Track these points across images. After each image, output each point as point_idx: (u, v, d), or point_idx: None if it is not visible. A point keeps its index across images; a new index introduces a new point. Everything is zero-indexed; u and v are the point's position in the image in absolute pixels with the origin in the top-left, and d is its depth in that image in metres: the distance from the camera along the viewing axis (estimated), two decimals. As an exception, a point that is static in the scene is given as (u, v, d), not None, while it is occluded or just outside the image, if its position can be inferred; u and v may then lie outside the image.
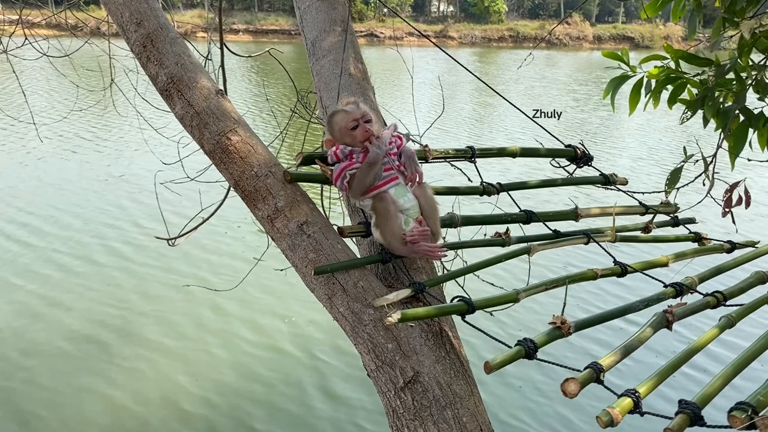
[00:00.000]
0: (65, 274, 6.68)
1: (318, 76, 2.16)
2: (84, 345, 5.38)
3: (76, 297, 6.17)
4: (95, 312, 5.90)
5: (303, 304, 6.01)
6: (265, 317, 5.98)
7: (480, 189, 1.94)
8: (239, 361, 5.29)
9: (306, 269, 1.55)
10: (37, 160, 10.93)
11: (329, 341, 5.55)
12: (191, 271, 6.80)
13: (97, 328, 5.63)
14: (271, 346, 5.54)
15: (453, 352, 1.51)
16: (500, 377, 5.00)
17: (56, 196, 9.17)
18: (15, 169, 10.40)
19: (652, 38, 48.57)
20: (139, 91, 3.79)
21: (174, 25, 2.07)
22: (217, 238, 7.56)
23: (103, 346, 5.39)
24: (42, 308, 5.93)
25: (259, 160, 1.64)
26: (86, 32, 4.96)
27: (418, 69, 23.29)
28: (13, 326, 5.60)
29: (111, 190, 9.53)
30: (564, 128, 14.89)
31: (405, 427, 1.40)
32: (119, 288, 6.40)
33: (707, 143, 2.98)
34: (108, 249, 7.35)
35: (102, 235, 7.74)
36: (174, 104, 1.70)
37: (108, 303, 6.07)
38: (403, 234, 1.57)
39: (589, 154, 2.21)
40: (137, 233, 7.78)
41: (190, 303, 6.12)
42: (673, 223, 2.15)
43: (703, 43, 3.56)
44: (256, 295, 6.29)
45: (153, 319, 5.83)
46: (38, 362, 5.11)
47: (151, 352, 5.33)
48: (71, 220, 8.22)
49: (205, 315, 5.94)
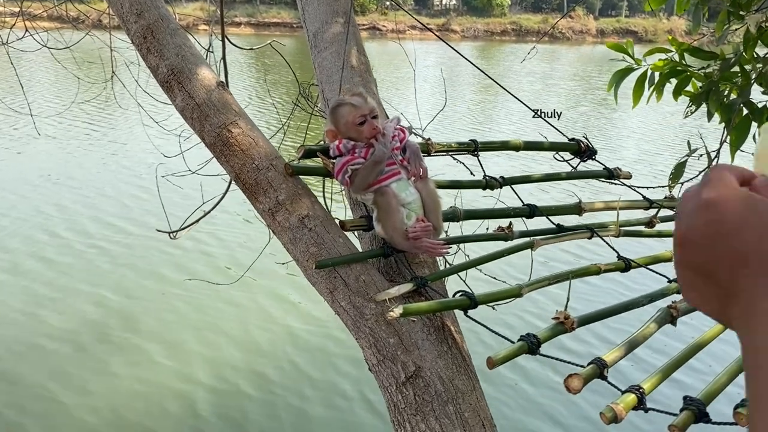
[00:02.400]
0: (63, 265, 6.69)
1: (320, 68, 2.14)
2: (82, 339, 5.39)
3: (73, 290, 6.18)
4: (91, 306, 5.91)
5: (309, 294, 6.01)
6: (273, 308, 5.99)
7: (483, 183, 1.93)
8: (247, 348, 5.30)
9: (307, 263, 1.54)
10: (37, 153, 10.92)
11: (330, 333, 5.55)
12: (194, 265, 6.81)
13: (95, 321, 5.64)
14: (280, 336, 5.54)
15: (455, 347, 1.50)
16: (499, 373, 5.00)
17: (51, 189, 9.16)
18: (13, 161, 10.40)
19: (655, 32, 48.35)
20: (139, 83, 3.77)
21: (175, 17, 2.06)
22: (221, 231, 7.55)
23: (102, 339, 5.39)
24: (40, 300, 5.94)
25: (261, 152, 1.63)
26: (87, 24, 4.94)
27: (421, 62, 23.22)
28: (12, 318, 5.61)
29: (110, 182, 9.52)
30: (567, 122, 14.85)
31: (407, 422, 1.39)
32: (122, 279, 6.40)
33: (714, 138, 2.97)
34: (106, 242, 7.35)
35: (99, 227, 7.74)
36: (175, 96, 1.68)
37: (106, 295, 6.08)
38: (406, 229, 1.56)
39: (593, 147, 2.19)
40: (136, 226, 7.78)
41: (193, 296, 6.12)
42: (677, 218, 2.13)
43: (707, 36, 3.54)
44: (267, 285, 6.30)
45: (155, 312, 5.83)
46: (36, 356, 5.11)
47: (155, 345, 5.34)
48: (69, 211, 8.22)
49: (213, 307, 5.95)
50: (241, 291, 6.01)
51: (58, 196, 8.80)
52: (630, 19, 55.29)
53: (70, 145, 11.56)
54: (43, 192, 8.98)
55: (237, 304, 6.03)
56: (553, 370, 5.06)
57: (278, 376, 5.03)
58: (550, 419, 4.67)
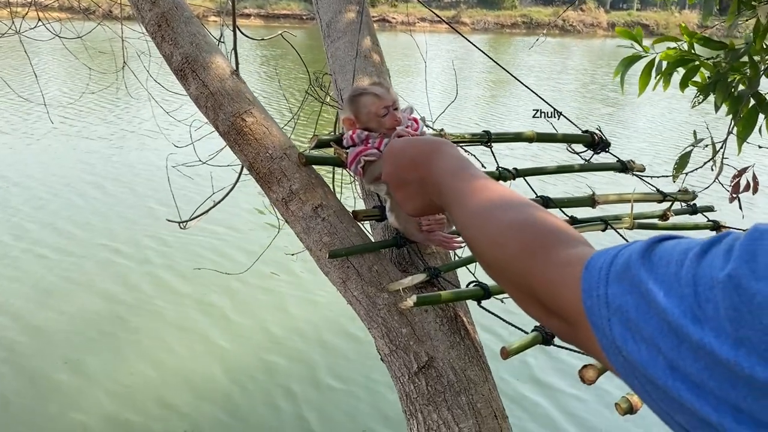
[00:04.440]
0: (72, 255, 6.73)
1: (333, 58, 2.14)
2: (94, 328, 5.43)
3: (85, 278, 6.22)
4: (104, 293, 5.95)
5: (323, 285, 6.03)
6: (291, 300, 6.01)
7: (496, 174, 1.91)
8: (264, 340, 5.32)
9: (320, 253, 1.54)
10: (46, 143, 10.97)
11: (346, 323, 5.57)
12: (207, 254, 6.84)
13: (107, 311, 5.68)
14: (293, 329, 5.57)
15: (467, 338, 1.50)
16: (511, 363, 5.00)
17: (63, 177, 9.21)
18: (23, 150, 10.46)
19: (667, 26, 47.88)
20: (151, 73, 3.78)
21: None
22: (232, 220, 7.57)
23: (114, 328, 5.43)
24: (53, 289, 5.98)
25: (274, 142, 1.62)
26: (99, 15, 4.96)
27: (431, 54, 23.13)
28: (20, 306, 5.66)
29: (120, 172, 9.56)
30: (580, 113, 14.77)
31: (419, 412, 1.39)
32: (129, 271, 6.44)
33: (718, 129, 2.94)
34: (114, 231, 7.39)
35: (109, 218, 7.79)
36: (189, 85, 1.68)
37: (117, 287, 6.12)
38: (419, 222, 1.55)
39: (607, 140, 2.18)
40: (147, 216, 7.81)
41: (207, 285, 6.15)
42: (691, 211, 2.12)
43: (718, 26, 3.51)
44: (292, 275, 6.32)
45: (161, 304, 5.87)
46: (45, 345, 5.16)
47: (170, 335, 5.37)
48: (74, 202, 8.27)
49: (224, 299, 5.97)
50: (251, 281, 6.04)
51: (63, 185, 8.85)
52: (642, 12, 54.80)
53: (80, 135, 11.61)
54: (46, 182, 9.02)
55: (247, 294, 6.06)
56: (564, 363, 5.05)
57: (290, 368, 5.06)
58: (564, 411, 4.67)
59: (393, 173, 0.99)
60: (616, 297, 0.52)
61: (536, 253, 0.66)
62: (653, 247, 0.54)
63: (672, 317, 0.46)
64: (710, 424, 0.44)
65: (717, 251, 0.47)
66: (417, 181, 0.94)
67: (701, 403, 0.44)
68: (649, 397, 0.50)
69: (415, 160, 0.94)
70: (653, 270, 0.51)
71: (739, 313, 0.42)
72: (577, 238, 0.68)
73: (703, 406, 0.44)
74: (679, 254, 0.50)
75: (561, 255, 0.64)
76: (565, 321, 0.61)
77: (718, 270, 0.45)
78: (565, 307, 0.60)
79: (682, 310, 0.46)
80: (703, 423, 0.44)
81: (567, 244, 0.66)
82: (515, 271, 0.68)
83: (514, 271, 0.68)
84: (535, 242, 0.67)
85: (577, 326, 0.58)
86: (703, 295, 0.45)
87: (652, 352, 0.48)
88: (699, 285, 0.46)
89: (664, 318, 0.47)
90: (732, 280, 0.43)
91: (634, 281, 0.51)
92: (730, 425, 0.42)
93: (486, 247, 0.73)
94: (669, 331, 0.46)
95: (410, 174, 0.95)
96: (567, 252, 0.64)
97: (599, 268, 0.56)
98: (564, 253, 0.64)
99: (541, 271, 0.64)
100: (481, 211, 0.76)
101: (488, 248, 0.73)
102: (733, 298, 0.43)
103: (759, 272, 0.42)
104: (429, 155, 0.92)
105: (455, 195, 0.83)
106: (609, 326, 0.52)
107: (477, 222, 0.76)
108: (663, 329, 0.47)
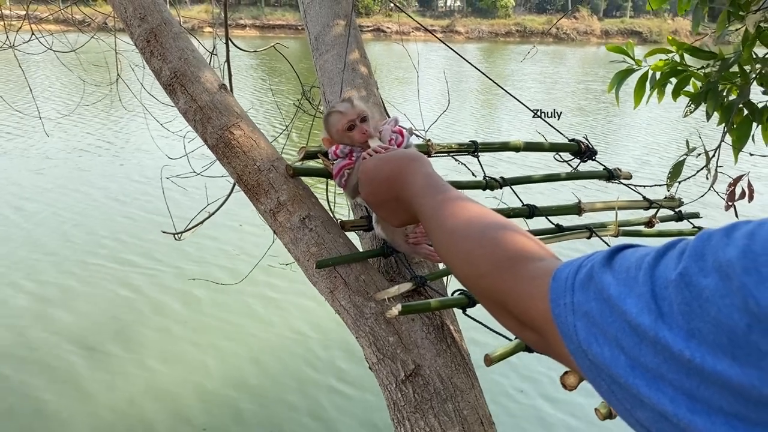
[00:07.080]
0: (70, 268, 6.73)
1: (321, 71, 2.16)
2: (90, 341, 5.42)
3: (83, 290, 6.22)
4: (100, 307, 5.94)
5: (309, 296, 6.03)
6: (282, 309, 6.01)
7: (483, 183, 1.94)
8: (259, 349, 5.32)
9: (308, 263, 1.55)
10: (44, 157, 10.97)
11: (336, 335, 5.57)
12: (200, 266, 6.84)
13: (103, 325, 5.67)
14: (290, 337, 5.56)
15: (454, 346, 1.51)
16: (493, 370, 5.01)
17: (57, 190, 9.21)
18: (17, 162, 10.46)
19: (660, 33, 48.24)
20: (144, 86, 3.80)
21: (180, 20, 2.08)
22: (228, 231, 7.58)
23: (109, 342, 5.42)
24: (45, 303, 5.98)
25: (262, 154, 1.65)
26: (93, 27, 4.98)
27: (424, 64, 23.23)
28: (19, 324, 5.65)
29: (115, 184, 9.56)
30: (568, 123, 14.84)
31: (406, 419, 1.40)
32: (125, 282, 6.43)
33: (714, 138, 2.97)
34: (112, 242, 7.39)
35: (106, 229, 7.79)
36: (177, 99, 1.70)
37: (113, 298, 6.11)
38: (406, 234, 1.57)
39: (593, 148, 2.20)
40: (142, 227, 7.82)
41: (199, 296, 6.15)
42: (676, 218, 2.14)
43: (709, 36, 3.55)
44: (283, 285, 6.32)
45: (159, 314, 5.86)
46: (42, 360, 5.15)
47: (166, 346, 5.36)
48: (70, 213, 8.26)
49: (218, 308, 5.97)
50: (246, 292, 6.04)
51: (61, 198, 8.85)
52: (634, 19, 55.15)
53: (76, 147, 11.61)
54: (47, 194, 9.02)
55: (240, 304, 6.06)
56: (548, 368, 5.07)
57: (286, 377, 5.06)
58: (545, 417, 4.68)
59: (370, 193, 1.04)
60: (581, 304, 0.56)
61: (505, 269, 0.70)
62: (614, 255, 0.57)
63: (632, 316, 0.49)
64: (667, 417, 0.46)
65: (671, 254, 0.50)
66: (394, 199, 1.00)
67: (659, 396, 0.46)
68: (614, 398, 0.53)
69: (389, 179, 1.00)
70: (614, 276, 0.54)
71: (690, 307, 0.45)
72: (543, 252, 0.72)
73: (660, 399, 0.46)
74: (638, 260, 0.53)
75: (529, 269, 0.67)
76: (536, 332, 0.64)
77: (672, 270, 0.48)
78: (536, 318, 0.63)
79: (640, 308, 0.49)
80: (661, 417, 0.47)
81: (534, 258, 0.69)
82: (487, 287, 0.72)
83: (486, 287, 0.72)
84: (504, 259, 0.71)
85: (548, 335, 0.61)
86: (659, 293, 0.48)
87: (615, 352, 0.50)
88: (655, 285, 0.49)
89: (624, 318, 0.50)
90: (683, 278, 0.46)
91: (597, 288, 0.55)
92: (684, 415, 0.45)
93: (459, 265, 0.77)
94: (630, 330, 0.49)
95: (386, 194, 1.01)
96: (534, 266, 0.67)
97: (565, 278, 0.60)
98: (532, 267, 0.67)
99: (511, 286, 0.68)
100: (452, 230, 0.80)
101: (461, 266, 0.76)
102: (684, 293, 0.46)
103: (706, 269, 0.45)
104: (400, 174, 0.97)
105: (428, 213, 0.88)
106: (575, 331, 0.55)
107: (449, 240, 0.80)
108: (624, 329, 0.50)
